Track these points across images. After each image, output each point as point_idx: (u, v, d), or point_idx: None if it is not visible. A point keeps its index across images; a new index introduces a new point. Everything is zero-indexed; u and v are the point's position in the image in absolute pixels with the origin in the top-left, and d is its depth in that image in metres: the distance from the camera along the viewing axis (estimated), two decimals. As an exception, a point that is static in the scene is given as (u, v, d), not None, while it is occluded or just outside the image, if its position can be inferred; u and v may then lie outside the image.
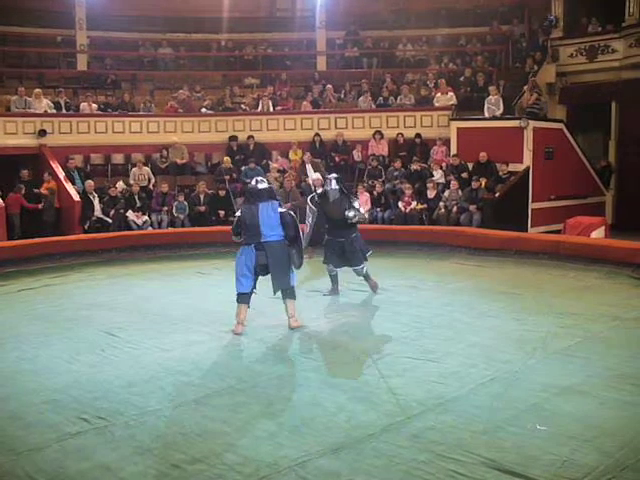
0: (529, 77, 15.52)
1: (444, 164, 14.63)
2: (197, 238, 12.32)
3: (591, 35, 16.27)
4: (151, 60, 18.40)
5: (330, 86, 17.03)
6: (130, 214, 13.38)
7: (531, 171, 13.75)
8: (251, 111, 16.31)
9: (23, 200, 13.32)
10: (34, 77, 16.70)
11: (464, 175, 13.96)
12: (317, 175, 10.83)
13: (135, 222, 13.33)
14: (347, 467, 4.08)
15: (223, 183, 14.51)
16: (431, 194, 13.77)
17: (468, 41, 18.73)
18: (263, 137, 15.91)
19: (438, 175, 14.32)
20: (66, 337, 6.95)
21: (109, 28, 18.04)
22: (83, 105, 15.44)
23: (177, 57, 18.53)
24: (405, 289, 9.00)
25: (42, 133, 14.43)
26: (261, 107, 16.26)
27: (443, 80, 16.31)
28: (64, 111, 15.22)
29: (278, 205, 6.97)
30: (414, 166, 14.53)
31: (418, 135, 15.49)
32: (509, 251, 11.11)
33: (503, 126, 14.28)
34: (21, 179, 13.75)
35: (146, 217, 13.52)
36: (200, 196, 14.08)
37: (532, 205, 13.78)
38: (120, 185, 14.07)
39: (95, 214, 13.33)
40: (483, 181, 13.52)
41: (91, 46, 17.85)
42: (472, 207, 13.10)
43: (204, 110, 16.21)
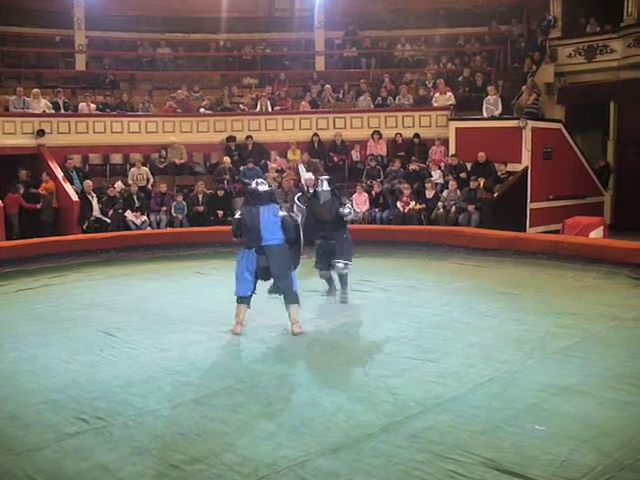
0: (528, 77, 15.53)
1: (443, 164, 14.64)
2: (196, 238, 12.32)
3: (589, 35, 16.28)
4: (150, 60, 18.38)
5: (329, 86, 17.02)
6: (129, 214, 13.37)
7: (529, 171, 13.75)
8: (250, 111, 16.29)
9: (22, 200, 13.31)
10: (32, 77, 16.68)
11: (463, 175, 13.96)
12: (309, 175, 10.88)
13: (134, 222, 13.32)
14: (346, 467, 4.08)
15: (222, 183, 14.50)
16: (430, 194, 13.78)
17: (467, 41, 18.73)
18: (262, 137, 15.90)
19: (437, 175, 14.32)
20: (64, 337, 6.94)
21: (107, 28, 18.03)
22: (82, 105, 15.42)
23: (176, 57, 18.51)
24: (404, 289, 9.00)
25: (41, 133, 14.42)
26: (260, 107, 16.26)
27: (442, 80, 16.31)
28: (62, 111, 15.21)
29: (279, 209, 6.95)
30: (413, 166, 14.52)
31: (417, 135, 15.49)
32: (508, 251, 11.11)
33: (502, 126, 14.29)
34: (20, 179, 13.74)
35: (145, 217, 13.50)
36: (199, 196, 14.07)
37: (531, 205, 13.79)
38: (119, 185, 14.06)
39: (94, 214, 13.32)
40: (482, 181, 13.52)
41: (90, 46, 17.83)
42: (470, 207, 13.10)
43: (203, 110, 16.20)
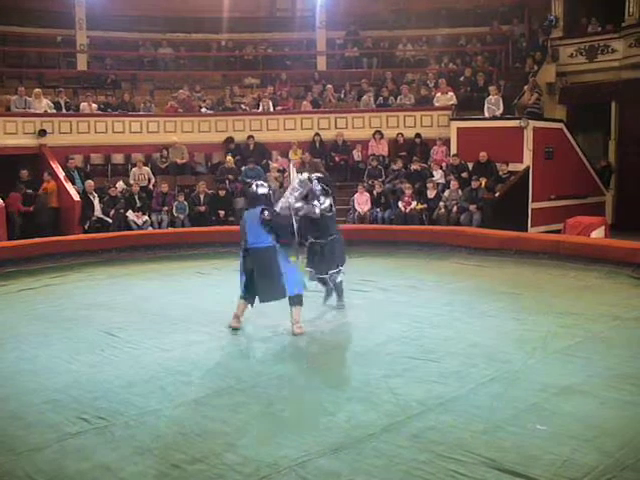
0: (529, 77, 15.53)
1: (444, 164, 14.63)
2: (197, 238, 12.31)
3: (591, 35, 16.28)
4: (151, 60, 18.40)
5: (330, 86, 17.03)
6: (130, 214, 13.38)
7: (531, 171, 13.75)
8: (251, 111, 16.31)
9: (19, 204, 13.31)
10: (34, 77, 16.70)
11: (464, 175, 13.96)
12: (304, 175, 10.94)
13: (135, 222, 13.33)
14: (347, 467, 4.07)
15: (224, 183, 14.51)
16: (431, 194, 13.77)
17: (468, 41, 18.73)
18: (263, 137, 15.90)
19: (438, 175, 14.33)
20: (66, 337, 6.95)
21: (109, 28, 18.05)
22: (83, 105, 15.44)
23: (177, 57, 18.53)
24: (405, 289, 9.00)
25: (42, 133, 14.43)
26: (261, 107, 16.26)
27: (443, 80, 16.31)
28: (64, 111, 15.23)
29: (260, 211, 6.80)
30: (414, 166, 14.52)
31: (418, 135, 15.50)
32: (509, 251, 11.10)
33: (503, 126, 14.29)
34: (21, 179, 13.75)
35: (146, 217, 13.51)
36: (200, 196, 14.08)
37: (532, 205, 13.79)
38: (120, 185, 14.07)
39: (95, 214, 13.33)
40: (483, 181, 13.52)
41: (91, 46, 17.85)
42: (472, 207, 13.10)
43: (204, 110, 16.21)
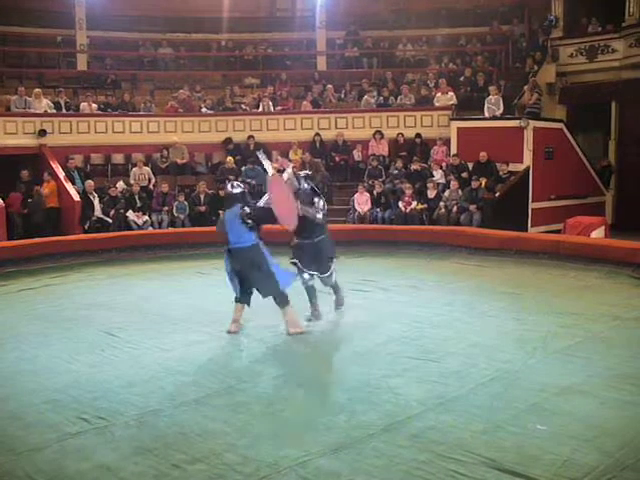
0: (529, 77, 15.53)
1: (444, 164, 14.63)
2: (197, 238, 12.31)
3: (591, 35, 16.27)
4: (151, 60, 18.40)
5: (330, 86, 17.03)
6: (130, 214, 13.39)
7: (531, 171, 13.75)
8: (251, 111, 16.31)
9: (19, 205, 13.30)
10: (34, 77, 16.69)
11: (464, 175, 13.96)
12: (288, 173, 11.01)
13: (135, 222, 13.33)
14: (347, 467, 4.07)
15: (224, 183, 14.49)
16: (431, 194, 13.77)
17: (468, 41, 18.73)
18: (263, 137, 15.90)
19: (438, 175, 14.32)
20: (66, 337, 6.95)
21: (109, 28, 18.05)
22: (83, 105, 15.44)
23: (177, 57, 18.53)
24: (405, 289, 9.00)
25: (42, 133, 14.43)
26: (261, 107, 16.26)
27: (443, 80, 16.31)
28: (64, 111, 15.22)
29: (239, 209, 6.74)
30: (414, 166, 14.52)
31: (418, 135, 15.49)
32: (509, 251, 11.10)
33: (503, 126, 14.29)
34: (21, 179, 13.75)
35: (146, 217, 13.52)
36: (200, 196, 14.08)
37: (532, 205, 13.79)
38: (120, 185, 14.07)
39: (95, 214, 13.32)
40: (483, 181, 13.52)
41: (91, 46, 17.85)
42: (472, 207, 13.10)
43: (204, 110, 16.21)
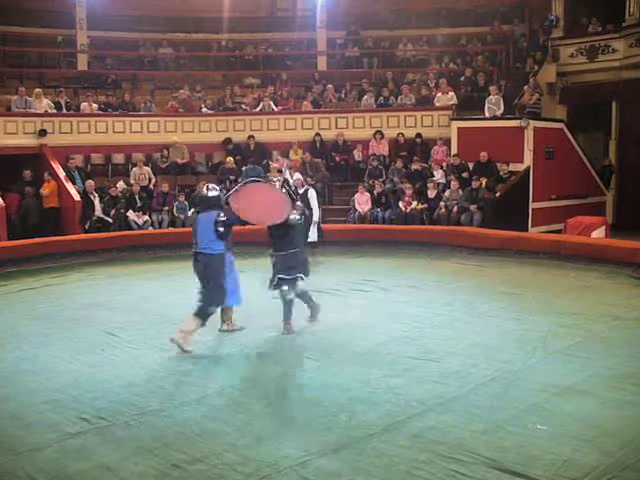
0: (529, 77, 15.52)
1: (445, 164, 14.62)
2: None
3: (591, 35, 16.26)
4: (151, 60, 18.40)
5: (331, 86, 17.03)
6: (131, 214, 13.38)
7: (532, 171, 13.74)
8: (251, 111, 16.30)
9: (13, 207, 13.29)
10: (34, 77, 16.69)
11: (465, 175, 13.95)
12: (297, 175, 11.11)
13: (136, 222, 13.33)
14: (348, 467, 4.07)
15: (224, 183, 14.50)
16: (432, 194, 13.76)
17: (469, 41, 18.72)
18: (264, 137, 15.89)
19: (439, 175, 14.32)
20: (66, 337, 6.95)
21: (109, 28, 18.04)
22: (83, 105, 15.43)
23: (177, 57, 18.52)
24: (406, 289, 9.00)
25: (42, 133, 14.42)
26: (262, 107, 16.26)
27: (444, 80, 16.30)
28: (64, 111, 15.21)
29: (217, 214, 6.52)
30: (415, 166, 14.52)
31: (419, 135, 15.49)
32: (509, 251, 11.11)
33: (504, 126, 14.28)
34: (24, 179, 13.76)
35: (147, 217, 13.51)
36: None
37: (533, 205, 13.78)
38: (121, 185, 14.07)
39: (96, 214, 13.32)
40: (484, 181, 13.51)
41: (91, 46, 17.84)
42: (473, 207, 13.09)
43: (204, 110, 16.21)
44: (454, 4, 19.30)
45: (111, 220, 13.30)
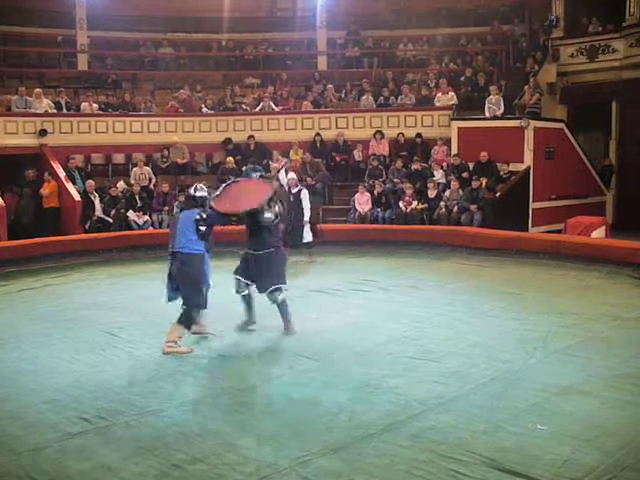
0: (530, 77, 15.52)
1: (445, 164, 14.63)
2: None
3: (592, 35, 16.27)
4: (152, 60, 18.40)
5: (331, 86, 17.03)
6: (131, 214, 13.39)
7: (532, 171, 13.75)
8: (252, 111, 16.31)
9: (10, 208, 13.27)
10: (35, 77, 16.69)
11: (465, 175, 13.95)
12: (292, 174, 11.14)
13: (136, 222, 13.33)
14: (348, 467, 4.07)
15: (224, 183, 14.49)
16: (432, 194, 13.77)
17: (469, 41, 18.72)
18: (264, 137, 15.89)
19: (439, 175, 14.32)
20: (66, 337, 6.95)
21: (110, 28, 18.04)
22: (84, 105, 15.44)
23: (178, 57, 18.53)
24: (406, 289, 9.00)
25: (43, 133, 14.42)
26: (262, 107, 16.26)
27: (444, 80, 16.31)
28: (65, 111, 15.22)
29: (197, 212, 6.39)
30: (415, 166, 14.52)
31: (419, 135, 15.49)
32: (510, 251, 11.11)
33: (504, 126, 14.28)
34: (27, 179, 13.74)
35: (147, 217, 13.52)
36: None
37: (533, 205, 13.78)
38: (121, 185, 14.08)
39: (96, 214, 13.32)
40: (484, 181, 13.51)
41: (92, 46, 17.84)
42: (473, 207, 13.09)
43: (205, 110, 16.22)
44: (454, 4, 19.30)
45: (111, 220, 13.31)
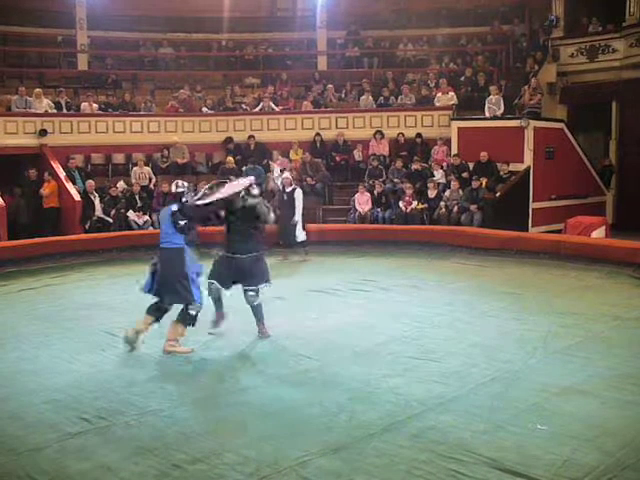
0: (530, 77, 15.51)
1: (445, 164, 14.63)
2: (197, 238, 12.29)
3: (592, 35, 16.27)
4: (152, 60, 18.39)
5: (331, 86, 17.03)
6: (131, 214, 13.39)
7: (532, 171, 13.75)
8: (252, 111, 16.31)
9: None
10: (35, 77, 16.68)
11: (465, 175, 13.95)
12: (286, 174, 11.16)
13: (136, 222, 13.33)
14: (348, 467, 4.08)
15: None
16: (432, 194, 13.76)
17: (469, 41, 18.71)
18: (264, 137, 15.89)
19: (439, 175, 14.32)
20: (66, 337, 6.95)
21: (110, 28, 18.04)
22: (84, 105, 15.43)
23: (178, 57, 18.52)
24: (406, 289, 9.00)
25: (43, 133, 14.42)
26: (262, 107, 16.26)
27: (444, 80, 16.30)
28: (65, 111, 15.21)
29: (175, 208, 6.33)
30: (415, 166, 14.52)
31: (419, 135, 15.49)
32: (510, 251, 11.12)
33: (504, 126, 14.28)
34: (29, 179, 13.74)
35: (147, 217, 13.51)
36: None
37: (533, 205, 13.78)
38: (121, 185, 14.08)
39: (96, 214, 13.32)
40: (484, 181, 13.51)
41: (92, 46, 17.84)
42: (473, 207, 13.09)
43: (205, 110, 16.22)
44: (454, 4, 19.29)
45: (111, 220, 13.30)
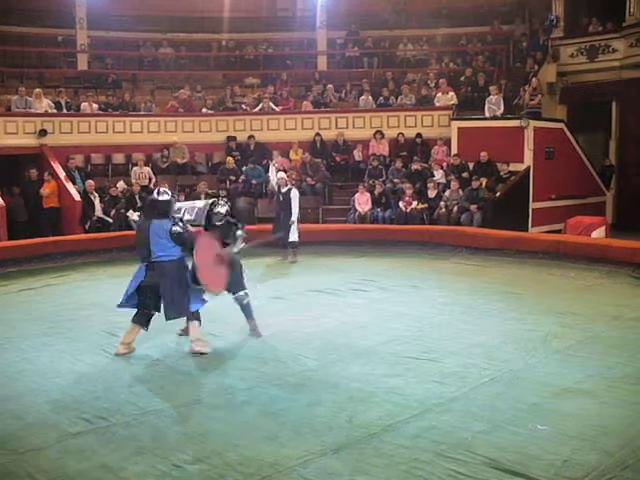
0: (530, 77, 15.51)
1: (445, 164, 14.63)
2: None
3: (592, 35, 16.27)
4: (152, 60, 18.40)
5: (331, 86, 17.03)
6: (131, 214, 13.38)
7: (532, 171, 13.76)
8: (252, 111, 16.31)
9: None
10: (35, 77, 16.68)
11: (465, 175, 13.96)
12: (281, 174, 11.21)
13: (136, 222, 13.32)
14: (348, 467, 4.08)
15: (224, 183, 14.51)
16: (432, 194, 13.77)
17: (469, 41, 18.72)
18: (264, 137, 15.90)
19: (439, 175, 14.32)
20: (67, 337, 6.96)
21: (110, 28, 18.05)
22: (84, 105, 15.44)
23: (178, 57, 18.52)
24: (406, 289, 9.01)
25: (43, 133, 14.42)
26: (262, 107, 16.26)
27: (444, 80, 16.30)
28: (65, 111, 15.22)
29: (171, 223, 6.19)
30: (415, 166, 14.53)
31: (419, 135, 15.49)
32: (510, 251, 11.11)
33: (504, 126, 14.29)
34: (29, 179, 13.75)
35: (147, 217, 13.50)
36: (201, 196, 14.05)
37: (533, 205, 13.80)
38: (121, 185, 14.08)
39: (96, 214, 13.32)
40: (484, 181, 13.52)
41: (92, 46, 17.84)
42: (473, 207, 13.09)
43: (205, 110, 16.22)
44: (454, 4, 19.29)
45: (111, 220, 13.31)
